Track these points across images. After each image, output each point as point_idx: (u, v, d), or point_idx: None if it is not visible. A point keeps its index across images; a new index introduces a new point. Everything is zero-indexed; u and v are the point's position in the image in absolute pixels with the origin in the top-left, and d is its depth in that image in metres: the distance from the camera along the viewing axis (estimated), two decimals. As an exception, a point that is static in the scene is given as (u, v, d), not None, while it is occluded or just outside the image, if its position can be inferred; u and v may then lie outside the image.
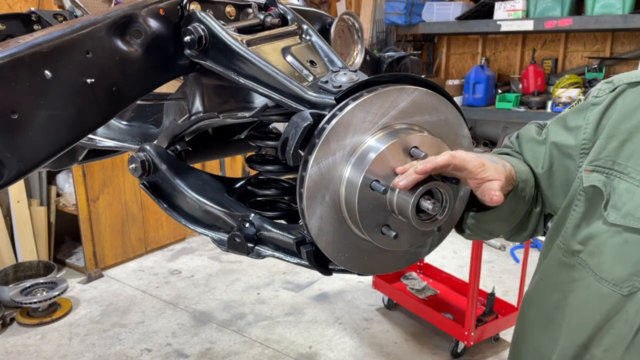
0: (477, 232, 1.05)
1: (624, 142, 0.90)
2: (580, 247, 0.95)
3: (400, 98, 0.81)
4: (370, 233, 0.81)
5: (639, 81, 0.93)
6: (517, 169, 1.00)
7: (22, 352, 3.13)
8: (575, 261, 0.96)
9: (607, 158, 0.91)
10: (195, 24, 0.90)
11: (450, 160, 0.81)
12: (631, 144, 0.89)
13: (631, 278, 0.87)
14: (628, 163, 0.89)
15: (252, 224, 0.93)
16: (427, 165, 0.78)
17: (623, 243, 0.88)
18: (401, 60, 1.40)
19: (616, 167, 0.90)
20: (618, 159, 0.90)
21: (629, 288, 0.87)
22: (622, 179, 0.89)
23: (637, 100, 0.91)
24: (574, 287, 0.96)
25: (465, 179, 0.88)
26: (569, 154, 0.99)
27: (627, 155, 0.89)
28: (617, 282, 0.89)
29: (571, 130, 0.99)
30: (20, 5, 3.69)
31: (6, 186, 0.72)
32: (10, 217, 3.81)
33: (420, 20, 5.08)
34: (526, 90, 4.84)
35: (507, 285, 3.84)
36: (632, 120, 0.90)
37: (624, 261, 0.88)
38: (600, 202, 0.91)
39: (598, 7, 4.08)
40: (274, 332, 3.31)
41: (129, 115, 1.34)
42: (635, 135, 0.89)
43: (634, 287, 0.87)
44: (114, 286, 3.94)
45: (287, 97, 0.86)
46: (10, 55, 0.68)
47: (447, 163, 0.80)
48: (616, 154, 0.91)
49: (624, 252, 0.88)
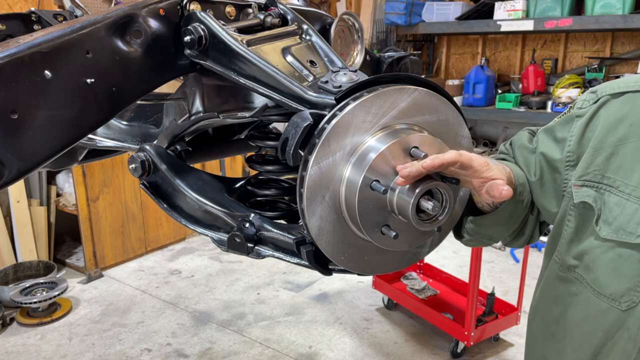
0: (476, 237, 1.05)
1: (611, 155, 0.89)
2: (575, 262, 0.95)
3: (400, 98, 0.81)
4: (370, 233, 0.81)
5: (621, 92, 0.92)
6: (515, 173, 1.00)
7: (22, 352, 3.13)
8: (572, 276, 0.96)
9: (596, 172, 0.91)
10: (195, 24, 0.90)
11: (457, 158, 0.80)
12: (618, 157, 0.89)
13: (629, 293, 0.86)
14: (617, 176, 0.88)
15: (252, 224, 0.93)
16: (435, 161, 0.77)
17: (617, 258, 0.87)
18: (401, 60, 1.40)
19: (605, 181, 0.89)
20: (607, 173, 0.89)
21: (628, 303, 0.86)
22: (612, 192, 0.89)
23: (620, 111, 0.90)
24: (573, 301, 0.96)
25: (469, 179, 0.88)
26: (556, 167, 0.99)
27: (615, 169, 0.89)
28: (615, 297, 0.88)
29: (558, 142, 0.99)
30: (20, 5, 3.69)
31: (6, 186, 0.72)
32: (10, 217, 3.81)
33: (420, 20, 5.08)
34: (526, 90, 4.84)
35: (507, 285, 3.84)
36: (617, 132, 0.89)
37: (619, 276, 0.87)
38: (592, 218, 0.90)
39: (598, 7, 4.08)
40: (274, 332, 3.31)
41: (129, 115, 1.33)
42: (621, 148, 0.89)
43: (632, 301, 0.86)
44: (114, 286, 3.94)
45: (287, 97, 0.86)
46: (10, 55, 0.68)
47: (454, 160, 0.80)
48: (604, 167, 0.90)
49: (619, 266, 0.87)
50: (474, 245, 1.12)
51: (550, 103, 4.53)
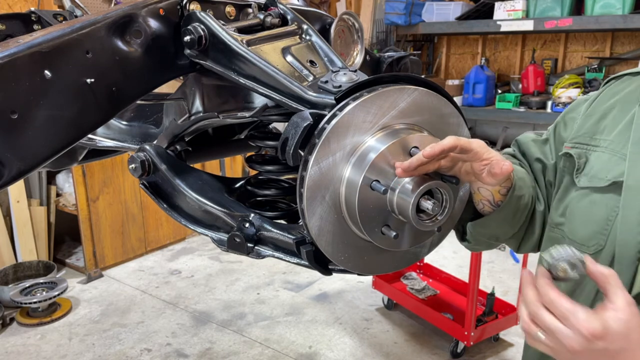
0: (481, 240, 1.05)
1: (600, 119, 0.98)
2: (561, 219, 0.99)
3: (400, 98, 0.81)
4: (370, 233, 0.81)
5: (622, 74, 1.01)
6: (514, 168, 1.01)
7: (22, 352, 3.13)
8: (557, 233, 0.99)
9: (586, 134, 0.98)
10: (195, 24, 0.90)
11: (456, 142, 0.80)
12: (605, 120, 0.97)
13: (596, 236, 0.90)
14: (601, 136, 0.96)
15: (252, 224, 0.93)
16: (435, 148, 0.77)
17: (590, 204, 0.92)
18: (401, 60, 1.40)
19: (592, 142, 0.97)
20: (595, 135, 0.97)
21: (595, 247, 0.90)
22: (595, 150, 0.95)
23: (616, 88, 1.01)
24: None
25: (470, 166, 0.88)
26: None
27: (601, 130, 0.96)
28: (584, 242, 0.92)
29: (568, 123, 1.06)
30: (20, 5, 3.69)
31: (6, 186, 0.72)
32: (10, 217, 3.81)
33: (420, 20, 5.08)
34: (526, 90, 4.84)
35: (507, 285, 3.84)
36: (610, 101, 0.98)
37: (590, 221, 0.91)
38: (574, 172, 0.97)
39: (598, 7, 4.09)
40: (274, 332, 3.31)
41: (129, 115, 1.33)
42: (609, 112, 0.97)
43: (599, 244, 0.89)
44: (114, 286, 3.94)
45: (287, 97, 0.86)
46: (10, 55, 0.68)
47: (453, 144, 0.80)
48: (593, 130, 0.98)
49: (590, 212, 0.92)
50: (480, 249, 1.13)
51: (550, 103, 4.53)
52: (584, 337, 0.68)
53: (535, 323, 0.74)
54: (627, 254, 0.86)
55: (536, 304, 0.73)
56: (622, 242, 0.87)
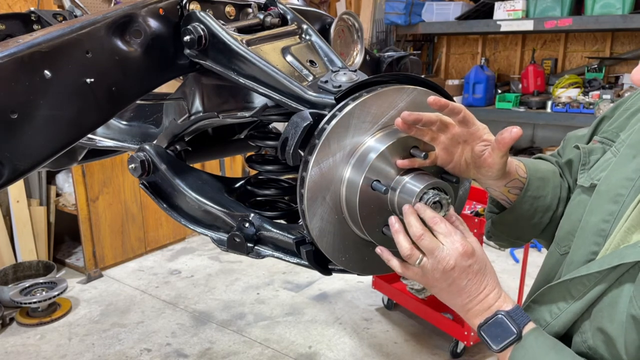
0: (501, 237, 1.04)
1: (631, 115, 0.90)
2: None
3: (399, 98, 0.81)
4: (371, 233, 0.81)
5: None
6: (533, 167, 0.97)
7: (22, 352, 3.13)
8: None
9: (614, 129, 0.92)
10: (195, 24, 0.90)
11: (463, 108, 0.81)
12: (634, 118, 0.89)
13: (567, 237, 0.88)
14: (622, 134, 0.89)
15: (251, 224, 0.93)
16: (442, 100, 0.78)
17: (576, 204, 0.89)
18: (401, 60, 1.40)
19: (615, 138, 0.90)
20: (620, 131, 0.90)
21: (565, 248, 0.88)
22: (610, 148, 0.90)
23: None
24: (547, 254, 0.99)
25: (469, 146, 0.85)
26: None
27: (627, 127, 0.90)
28: (558, 241, 0.91)
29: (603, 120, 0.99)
30: (20, 5, 3.69)
31: (6, 186, 0.72)
32: (9, 217, 3.81)
33: (420, 20, 5.08)
34: (526, 90, 4.84)
35: (507, 285, 3.84)
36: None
37: (568, 221, 0.90)
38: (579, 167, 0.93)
39: (598, 7, 4.08)
40: (274, 332, 3.31)
41: (128, 115, 1.33)
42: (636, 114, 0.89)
43: (567, 247, 0.87)
44: (114, 286, 3.94)
45: (286, 97, 0.86)
46: (10, 55, 0.68)
47: (459, 107, 0.80)
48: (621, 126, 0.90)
49: (571, 212, 0.90)
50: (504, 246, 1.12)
51: (550, 103, 4.52)
52: (460, 254, 0.76)
53: (417, 248, 0.77)
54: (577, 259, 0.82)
55: (421, 228, 0.76)
56: (576, 246, 0.84)
